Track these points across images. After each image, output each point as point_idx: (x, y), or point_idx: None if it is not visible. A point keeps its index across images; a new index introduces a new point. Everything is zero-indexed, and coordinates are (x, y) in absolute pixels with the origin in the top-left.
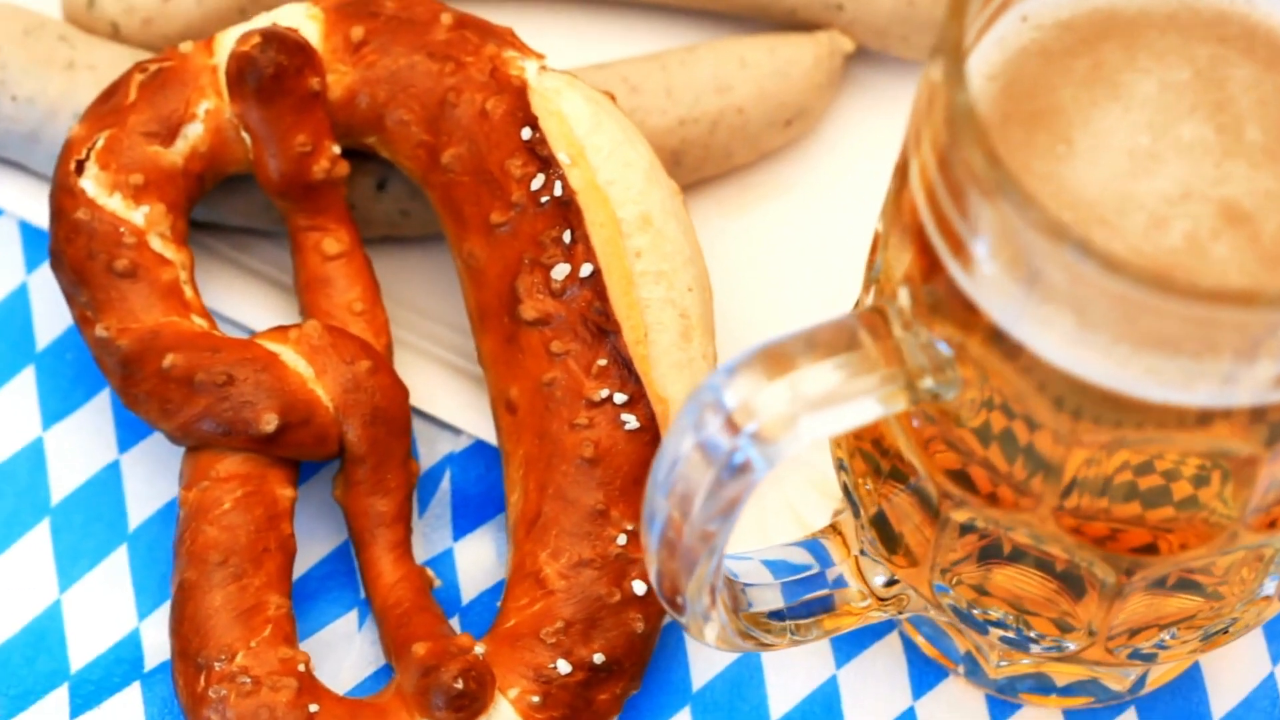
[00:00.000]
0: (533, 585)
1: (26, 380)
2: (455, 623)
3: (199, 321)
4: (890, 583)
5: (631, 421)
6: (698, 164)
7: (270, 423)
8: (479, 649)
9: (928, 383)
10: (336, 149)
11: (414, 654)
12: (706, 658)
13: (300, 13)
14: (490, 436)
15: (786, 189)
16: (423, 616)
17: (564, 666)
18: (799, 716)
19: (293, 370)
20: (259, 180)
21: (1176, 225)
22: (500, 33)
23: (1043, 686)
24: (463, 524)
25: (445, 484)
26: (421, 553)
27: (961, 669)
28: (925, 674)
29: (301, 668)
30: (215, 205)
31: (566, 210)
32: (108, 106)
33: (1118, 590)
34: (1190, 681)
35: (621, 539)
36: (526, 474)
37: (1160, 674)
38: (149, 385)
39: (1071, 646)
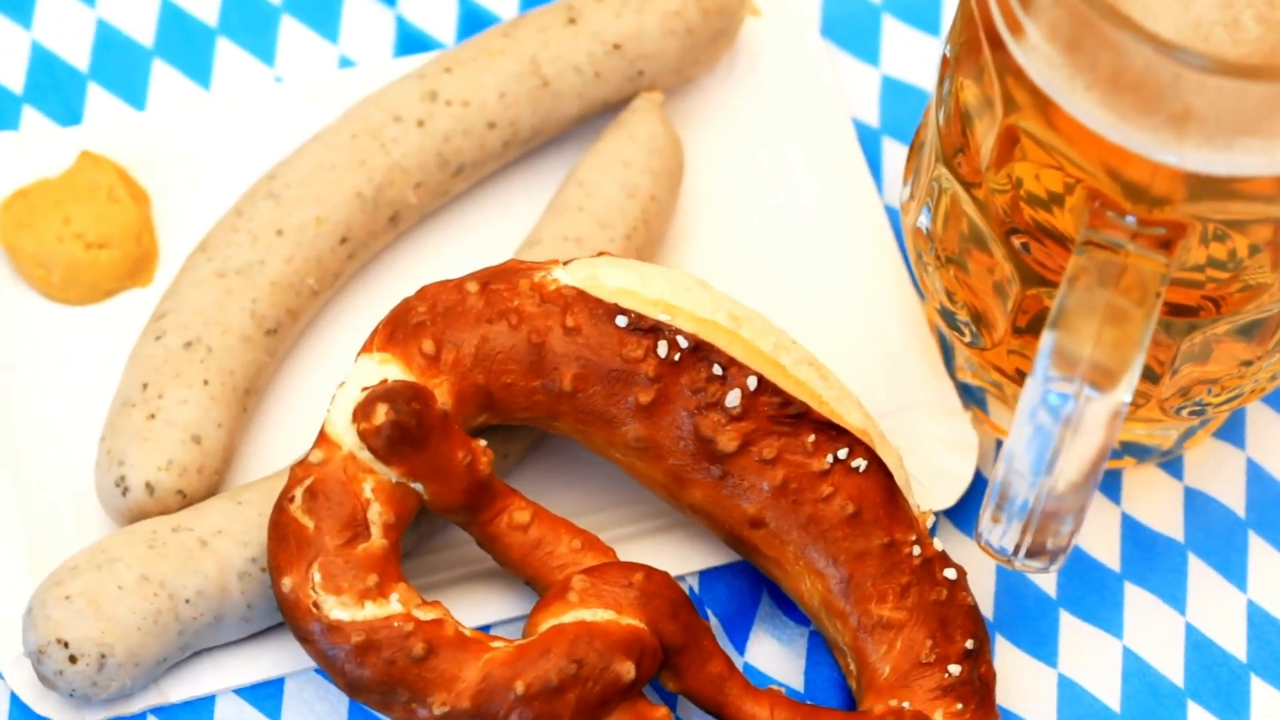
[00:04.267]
0: (881, 632)
1: None
2: None
3: (498, 644)
4: None
5: (861, 464)
6: (652, 258)
7: (630, 671)
8: (903, 704)
9: (1174, 266)
10: (483, 442)
11: None
12: (981, 592)
13: (373, 365)
14: (711, 562)
15: (691, 234)
16: (822, 717)
17: (955, 669)
18: (1066, 578)
19: (605, 622)
20: (439, 510)
21: (1244, 17)
22: (514, 267)
23: (1190, 431)
24: (738, 638)
25: (711, 618)
26: None
27: (1130, 459)
28: (1108, 482)
29: None
30: None
31: (700, 352)
32: (293, 547)
33: None
34: None
35: (915, 550)
36: (808, 561)
37: None
38: (515, 717)
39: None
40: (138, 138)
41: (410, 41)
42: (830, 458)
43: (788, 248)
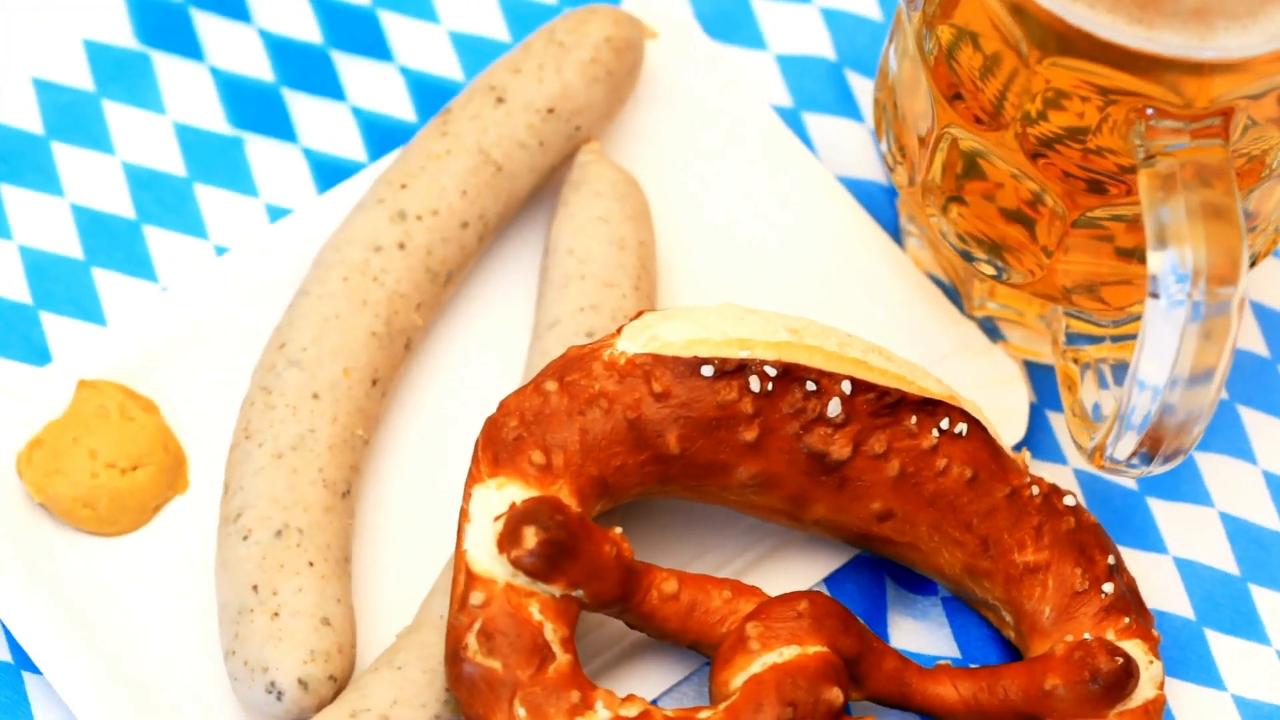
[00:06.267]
0: (1030, 577)
1: None
2: None
3: (705, 715)
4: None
5: (962, 428)
6: (655, 299)
7: (838, 695)
8: (1084, 635)
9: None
10: (617, 529)
11: (1055, 665)
12: None
13: (492, 492)
14: (831, 566)
15: (672, 264)
16: (1005, 674)
17: (1108, 588)
18: (1152, 482)
19: (795, 658)
20: (597, 608)
21: None
22: (577, 354)
23: None
24: (879, 629)
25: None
26: None
27: None
28: None
29: None
30: None
31: (790, 375)
32: (487, 693)
33: None
34: None
35: (1034, 490)
36: (943, 534)
37: None
38: None
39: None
40: (116, 352)
41: (327, 170)
42: (935, 431)
43: (764, 247)
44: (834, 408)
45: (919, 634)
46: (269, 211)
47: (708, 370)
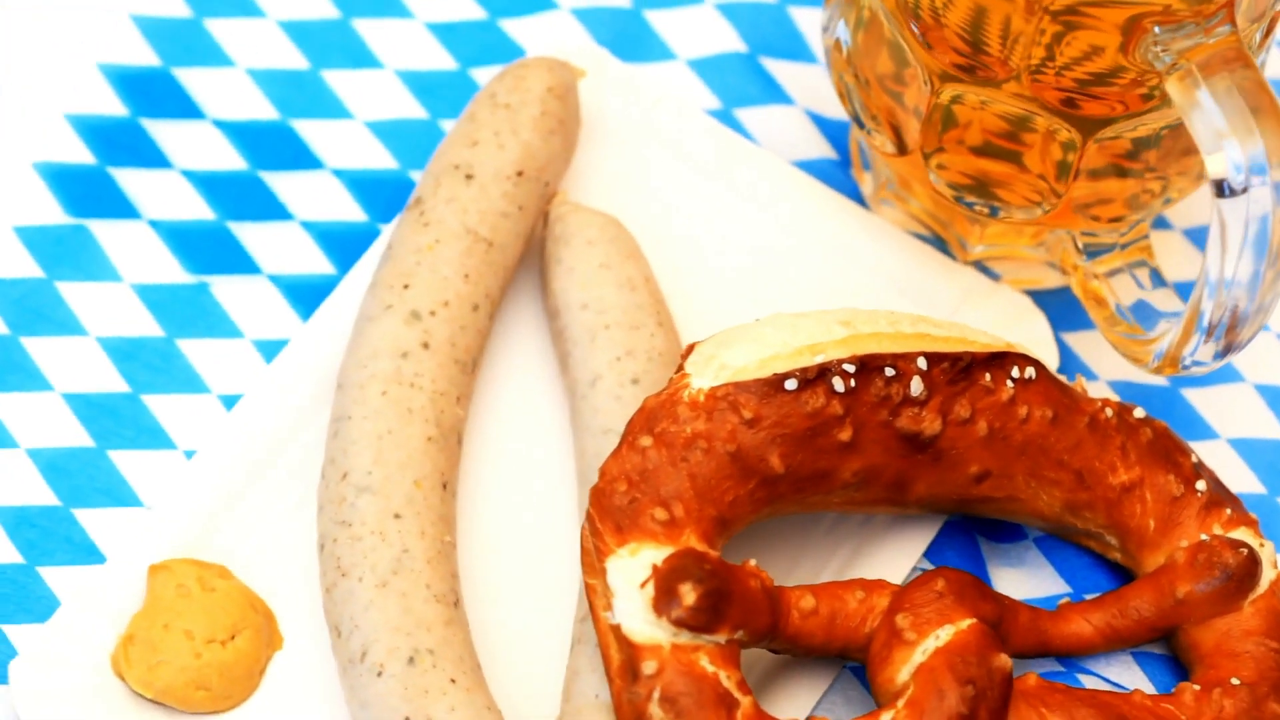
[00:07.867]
0: (1128, 496)
1: None
2: None
3: (887, 715)
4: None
5: (1031, 373)
6: (673, 329)
7: (1006, 661)
8: (1200, 536)
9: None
10: (752, 561)
11: (1181, 573)
12: None
13: (627, 560)
14: (925, 540)
15: (667, 290)
16: (1131, 595)
17: (1201, 485)
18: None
19: (954, 637)
20: (755, 643)
21: None
22: (654, 405)
23: None
24: (983, 577)
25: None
26: None
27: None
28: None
29: None
30: None
31: (869, 365)
32: None
33: None
34: None
35: (1108, 412)
36: (1039, 478)
37: None
38: None
39: None
40: (168, 529)
41: (300, 292)
42: (1009, 383)
43: (749, 248)
44: (916, 386)
45: (1023, 580)
46: (259, 348)
47: (791, 384)
